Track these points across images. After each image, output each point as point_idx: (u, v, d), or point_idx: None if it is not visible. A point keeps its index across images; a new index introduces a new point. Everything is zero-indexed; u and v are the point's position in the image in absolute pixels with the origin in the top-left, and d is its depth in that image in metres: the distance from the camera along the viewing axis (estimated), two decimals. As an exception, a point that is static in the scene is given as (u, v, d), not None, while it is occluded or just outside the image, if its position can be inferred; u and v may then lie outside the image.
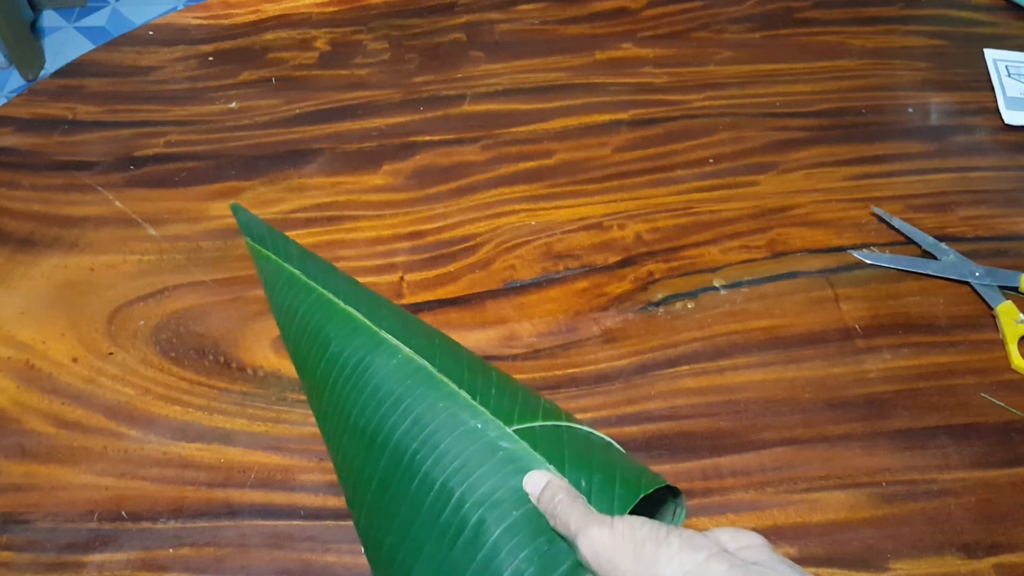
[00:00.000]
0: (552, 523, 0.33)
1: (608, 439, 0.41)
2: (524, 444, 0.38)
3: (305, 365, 0.47)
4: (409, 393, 0.41)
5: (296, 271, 0.50)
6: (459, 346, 0.46)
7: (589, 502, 0.33)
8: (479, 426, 0.39)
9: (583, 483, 0.35)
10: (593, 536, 0.30)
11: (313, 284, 0.49)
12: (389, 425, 0.40)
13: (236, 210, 0.58)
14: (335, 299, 0.47)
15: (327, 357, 0.45)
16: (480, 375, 0.42)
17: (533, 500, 0.35)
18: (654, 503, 0.38)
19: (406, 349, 0.43)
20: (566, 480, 0.35)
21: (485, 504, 0.36)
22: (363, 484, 0.41)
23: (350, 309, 0.46)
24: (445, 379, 0.41)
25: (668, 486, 0.36)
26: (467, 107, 0.68)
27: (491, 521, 0.35)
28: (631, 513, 0.33)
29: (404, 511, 0.38)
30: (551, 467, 0.36)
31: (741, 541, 0.30)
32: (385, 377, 0.42)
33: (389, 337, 0.44)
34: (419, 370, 0.42)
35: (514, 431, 0.38)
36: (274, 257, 0.52)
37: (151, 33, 0.74)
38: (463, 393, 0.41)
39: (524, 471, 0.36)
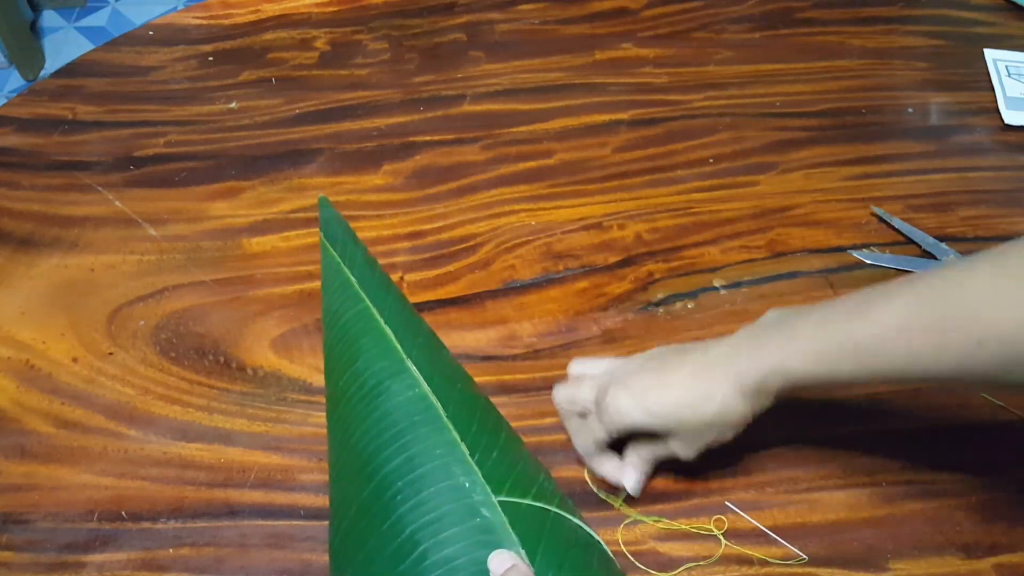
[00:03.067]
0: None
1: (597, 538, 0.40)
2: (504, 518, 0.37)
3: (333, 371, 0.46)
4: (412, 430, 0.40)
5: (352, 277, 0.50)
6: (483, 398, 0.45)
7: None
8: (467, 485, 0.38)
9: None
10: None
11: (362, 294, 0.48)
12: (383, 456, 0.40)
13: (323, 204, 0.57)
14: (377, 315, 0.47)
15: (352, 371, 0.44)
16: (488, 434, 0.41)
17: None
18: None
19: (424, 385, 0.42)
20: (531, 569, 0.35)
21: (444, 567, 0.35)
22: (344, 507, 0.40)
23: (387, 329, 0.46)
24: (450, 426, 0.41)
25: None
26: (467, 107, 0.68)
27: None
28: None
29: (370, 546, 0.38)
30: (521, 551, 0.36)
31: None
32: (395, 407, 0.42)
33: (413, 368, 0.43)
34: (429, 409, 0.41)
35: (499, 501, 0.38)
36: (337, 258, 0.52)
37: (151, 33, 0.74)
38: (463, 446, 0.40)
39: (494, 546, 0.36)
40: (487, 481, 0.38)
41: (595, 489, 0.45)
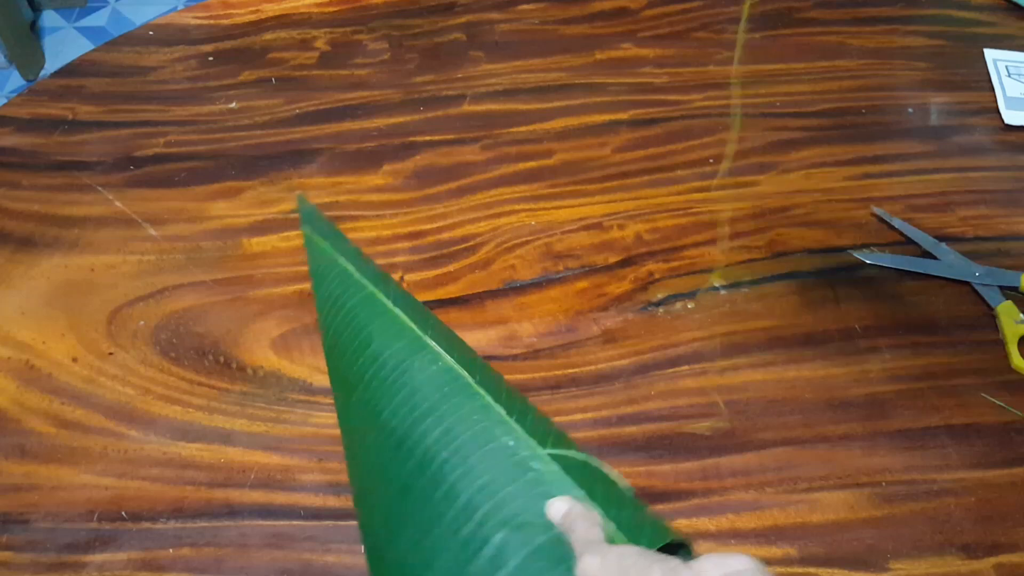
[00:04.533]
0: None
1: (631, 489, 0.40)
2: (556, 467, 0.37)
3: (341, 358, 0.46)
4: (445, 401, 0.40)
5: (350, 267, 0.50)
6: (499, 374, 0.45)
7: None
8: (511, 443, 0.38)
9: (611, 516, 0.34)
10: (585, 564, 0.30)
11: (365, 281, 0.49)
12: (420, 431, 0.40)
13: (302, 201, 0.58)
14: (384, 299, 0.47)
15: (367, 354, 0.44)
16: (517, 398, 0.42)
17: (556, 526, 0.34)
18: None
19: (447, 357, 0.43)
20: (592, 508, 0.34)
21: (509, 525, 0.35)
22: (382, 485, 0.40)
23: (397, 311, 0.46)
24: (482, 392, 0.41)
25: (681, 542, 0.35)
26: (467, 107, 0.68)
27: (514, 544, 0.34)
28: None
29: (422, 519, 0.38)
30: (582, 492, 0.36)
31: (727, 567, 0.29)
32: (423, 382, 0.42)
33: (432, 343, 0.44)
34: (457, 379, 0.41)
35: (547, 454, 0.38)
36: (331, 249, 0.52)
37: (151, 33, 0.74)
38: (499, 408, 0.40)
39: (552, 495, 0.35)
40: (530, 436, 0.38)
41: None
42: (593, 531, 0.32)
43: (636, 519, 0.35)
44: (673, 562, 0.29)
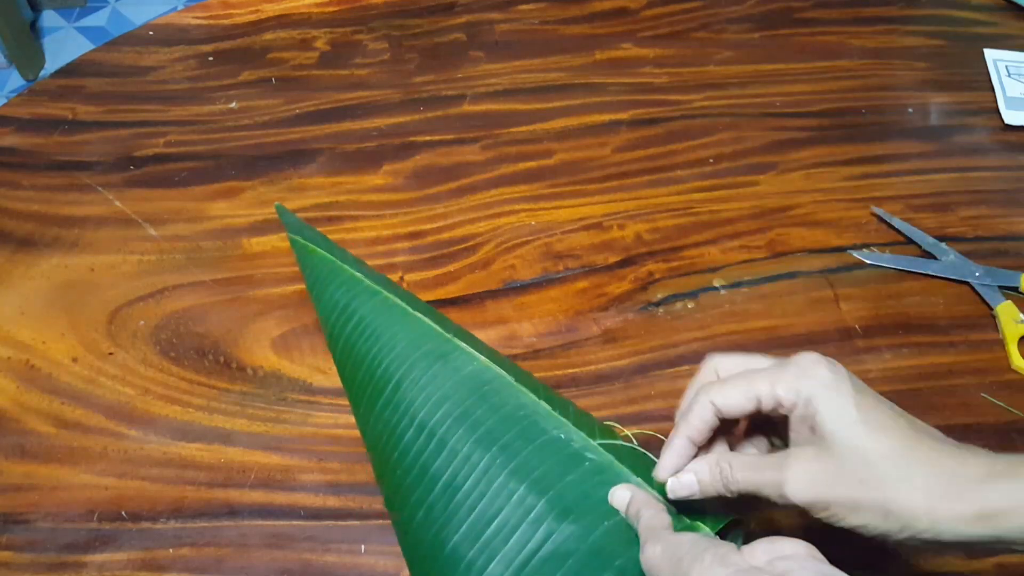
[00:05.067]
0: None
1: None
2: (610, 457, 0.37)
3: (360, 364, 0.46)
4: (485, 400, 0.41)
5: (357, 273, 0.50)
6: (528, 372, 0.46)
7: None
8: (562, 436, 0.38)
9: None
10: (647, 552, 0.32)
11: (377, 287, 0.49)
12: (464, 429, 0.40)
13: (281, 211, 0.58)
14: (402, 303, 0.47)
15: (392, 357, 0.44)
16: (555, 394, 0.42)
17: (622, 513, 0.35)
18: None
19: (481, 358, 0.43)
20: (654, 494, 0.35)
21: (576, 511, 0.35)
22: (426, 484, 0.40)
23: (419, 315, 0.46)
24: (524, 389, 0.41)
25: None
26: (467, 107, 0.68)
27: (576, 533, 0.35)
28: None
29: (478, 510, 0.38)
30: (640, 480, 0.36)
31: (776, 552, 0.30)
32: (460, 381, 0.42)
33: (463, 344, 0.44)
34: (496, 379, 0.42)
35: (599, 444, 0.38)
36: (330, 257, 0.52)
37: (151, 33, 0.74)
38: (544, 404, 0.40)
39: (612, 483, 0.36)
40: (578, 428, 0.39)
41: None
42: (659, 518, 0.33)
43: (695, 505, 0.35)
44: (725, 547, 0.30)
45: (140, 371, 0.51)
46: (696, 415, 0.33)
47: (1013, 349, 0.52)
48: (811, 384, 0.31)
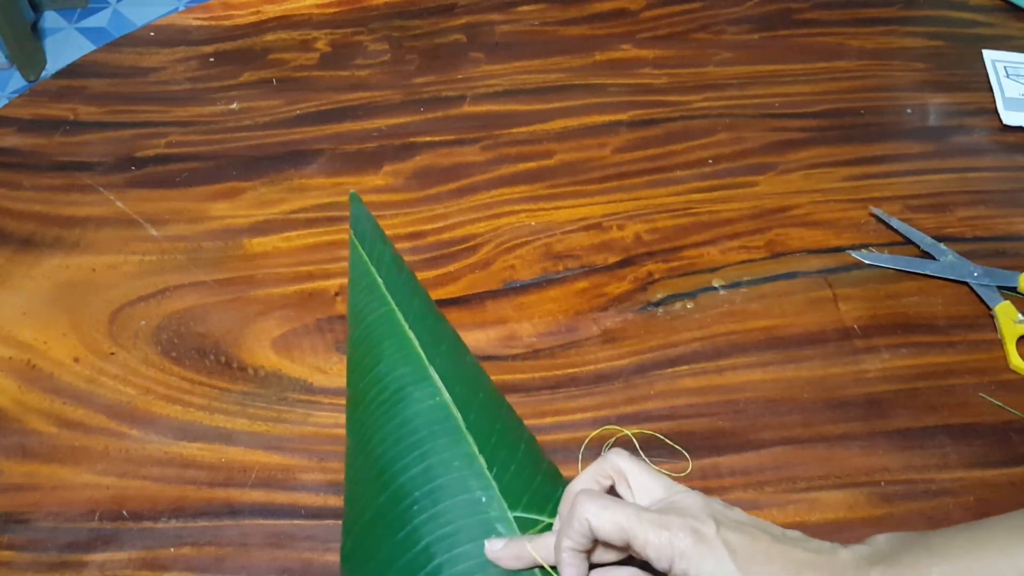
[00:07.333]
0: None
1: None
2: (517, 532, 0.37)
3: (355, 372, 0.46)
4: (431, 440, 0.40)
5: (379, 278, 0.49)
6: (505, 406, 0.45)
7: None
8: (483, 499, 0.38)
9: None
10: None
11: (388, 296, 0.48)
12: (401, 465, 0.40)
13: (354, 200, 0.56)
14: (402, 319, 0.46)
15: (373, 374, 0.44)
16: (507, 447, 0.41)
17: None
18: None
19: (445, 394, 0.42)
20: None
21: None
22: (358, 511, 0.40)
23: (411, 334, 0.45)
24: (470, 438, 0.40)
25: None
26: (467, 108, 0.68)
27: None
28: None
29: (384, 555, 0.38)
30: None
31: None
32: (415, 414, 0.41)
33: (435, 375, 0.43)
34: (448, 419, 0.41)
35: (515, 517, 0.38)
36: (365, 257, 0.51)
37: (152, 34, 0.74)
38: (481, 460, 0.40)
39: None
40: (503, 496, 0.38)
41: None
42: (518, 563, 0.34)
43: None
44: None
45: (141, 371, 0.51)
46: (575, 529, 0.33)
47: (1011, 349, 0.52)
48: (681, 549, 0.31)
